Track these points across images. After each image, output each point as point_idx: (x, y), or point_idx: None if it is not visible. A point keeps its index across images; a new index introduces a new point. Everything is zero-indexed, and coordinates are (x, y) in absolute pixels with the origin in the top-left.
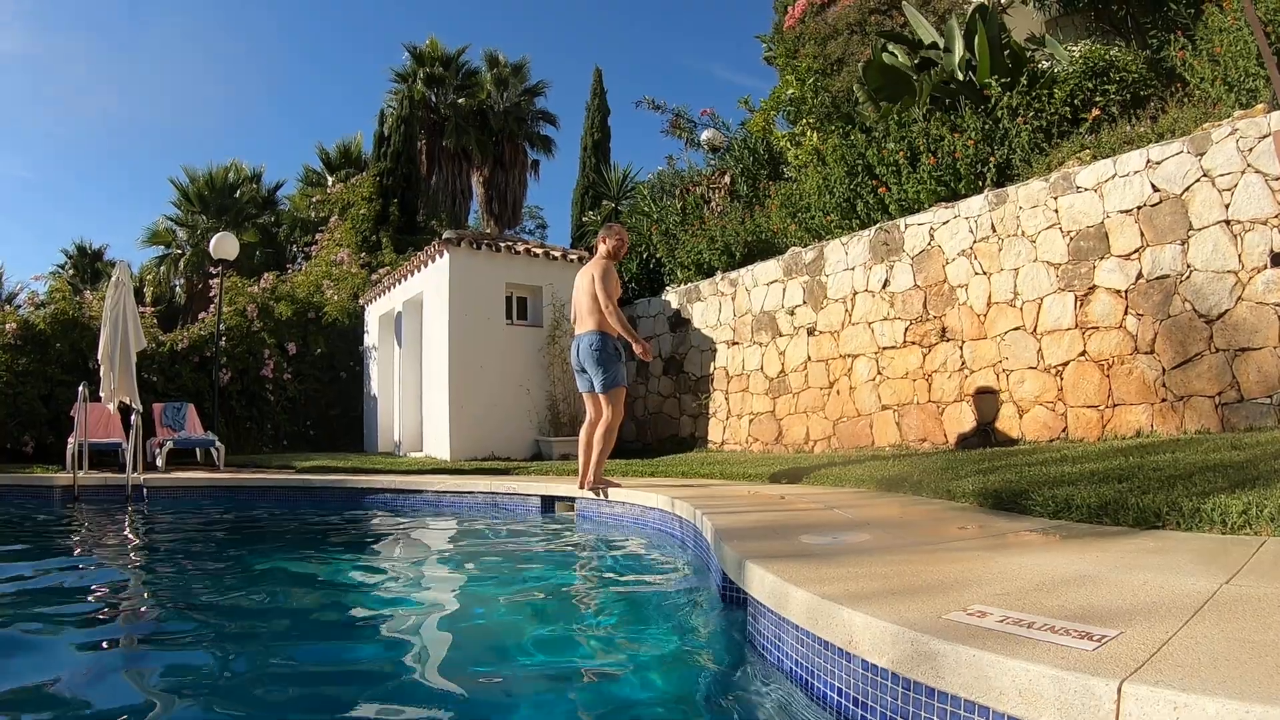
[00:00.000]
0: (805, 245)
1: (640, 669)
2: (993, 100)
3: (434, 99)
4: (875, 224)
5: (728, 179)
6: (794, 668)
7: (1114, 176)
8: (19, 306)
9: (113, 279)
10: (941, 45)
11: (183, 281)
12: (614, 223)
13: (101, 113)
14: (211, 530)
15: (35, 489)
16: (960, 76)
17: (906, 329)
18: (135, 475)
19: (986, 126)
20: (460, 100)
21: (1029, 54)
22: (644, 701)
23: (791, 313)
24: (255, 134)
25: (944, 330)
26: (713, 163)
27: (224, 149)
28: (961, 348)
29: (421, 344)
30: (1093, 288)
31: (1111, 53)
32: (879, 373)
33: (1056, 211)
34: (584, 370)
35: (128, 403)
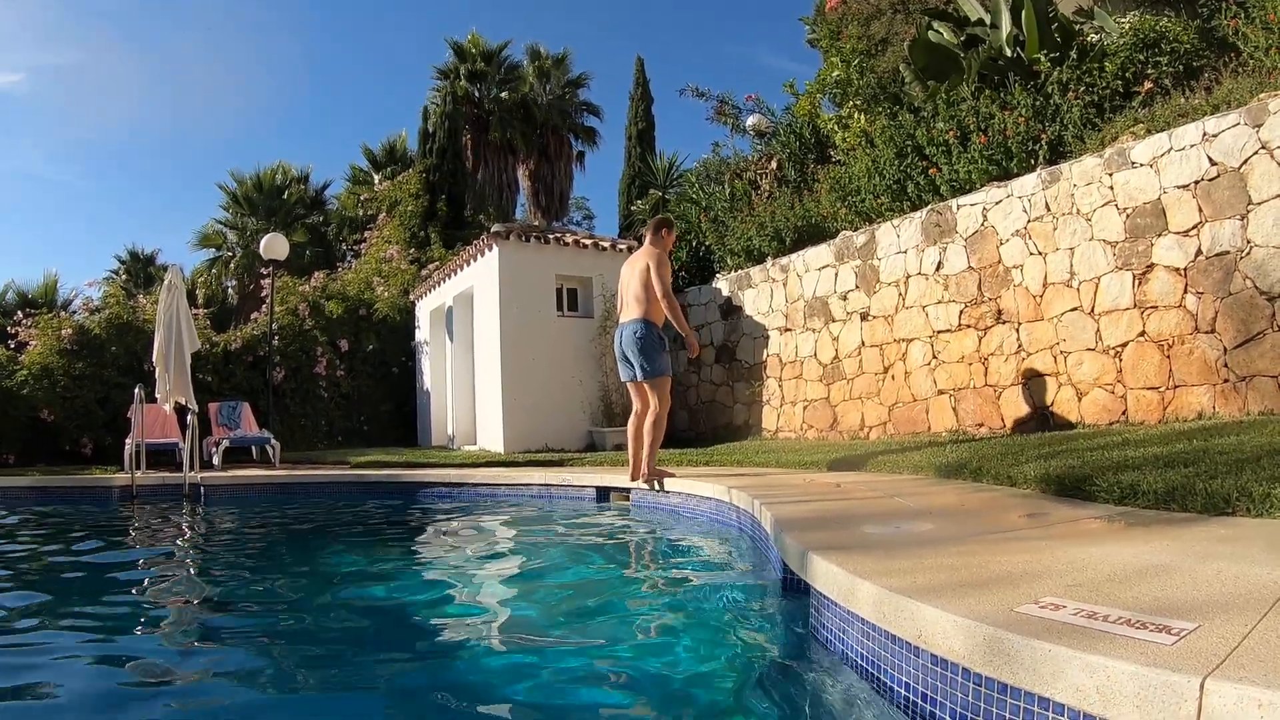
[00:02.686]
0: (856, 229)
1: (700, 660)
2: (1042, 76)
3: (477, 94)
4: (927, 205)
5: (775, 164)
6: (860, 661)
7: (1169, 151)
8: (74, 312)
9: (165, 282)
10: (988, 21)
11: (234, 283)
12: (665, 215)
13: (149, 120)
14: (271, 525)
15: (94, 489)
16: (1008, 52)
17: (961, 312)
18: (192, 474)
19: (1037, 103)
20: (504, 94)
21: (1078, 27)
22: (705, 692)
23: (844, 297)
24: (301, 135)
25: (999, 312)
26: (759, 148)
27: (270, 151)
28: (1018, 330)
29: (473, 338)
30: (1151, 266)
31: (1162, 23)
32: (934, 357)
33: (1111, 188)
34: (627, 359)
35: (183, 403)
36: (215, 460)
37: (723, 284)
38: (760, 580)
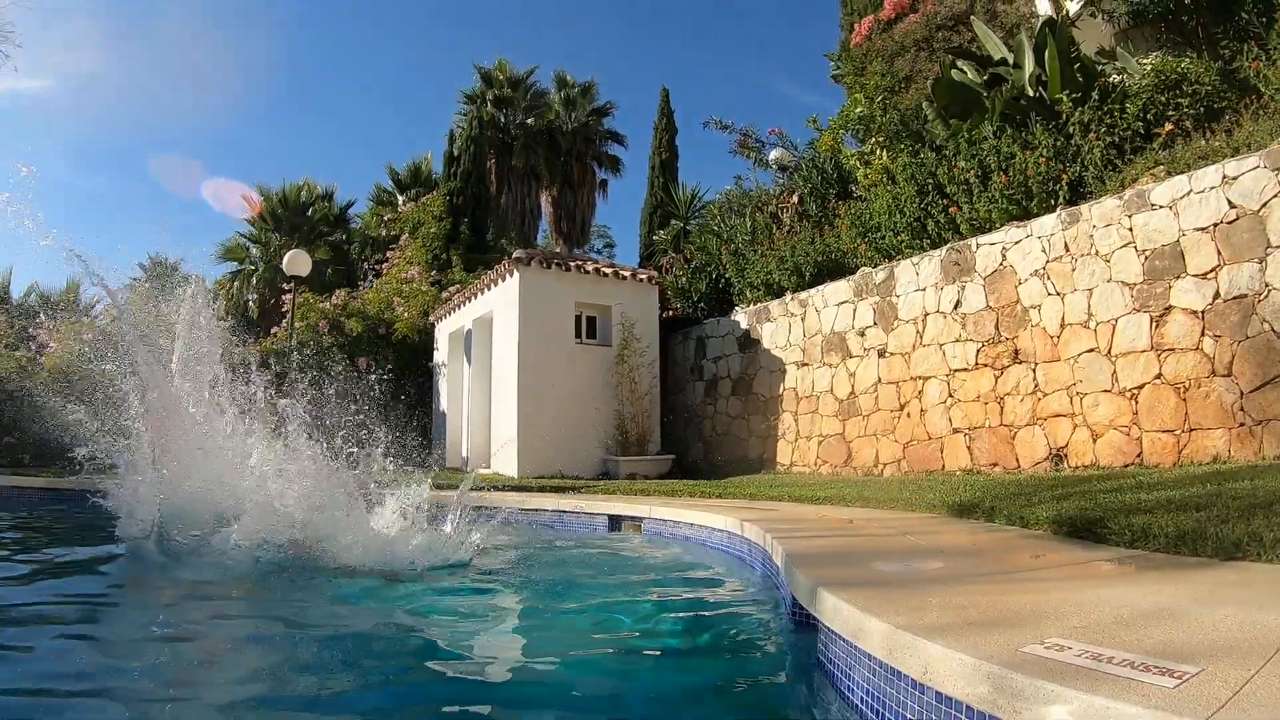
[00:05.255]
0: (876, 265)
1: (708, 691)
2: (1064, 116)
3: (503, 119)
4: (946, 244)
5: (796, 198)
6: (865, 697)
7: (1189, 193)
8: (97, 317)
9: (189, 293)
10: (1011, 61)
11: (255, 296)
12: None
13: (174, 130)
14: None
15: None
16: (1030, 92)
17: (978, 351)
18: None
19: (1058, 143)
20: (529, 120)
21: (1100, 68)
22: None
23: (862, 334)
24: (326, 154)
25: (1016, 352)
26: (781, 182)
27: (296, 168)
28: (1034, 370)
29: (491, 361)
30: (1168, 308)
31: (1183, 64)
32: (950, 395)
33: (1131, 230)
34: None
35: None
36: None
37: (741, 317)
38: (770, 614)
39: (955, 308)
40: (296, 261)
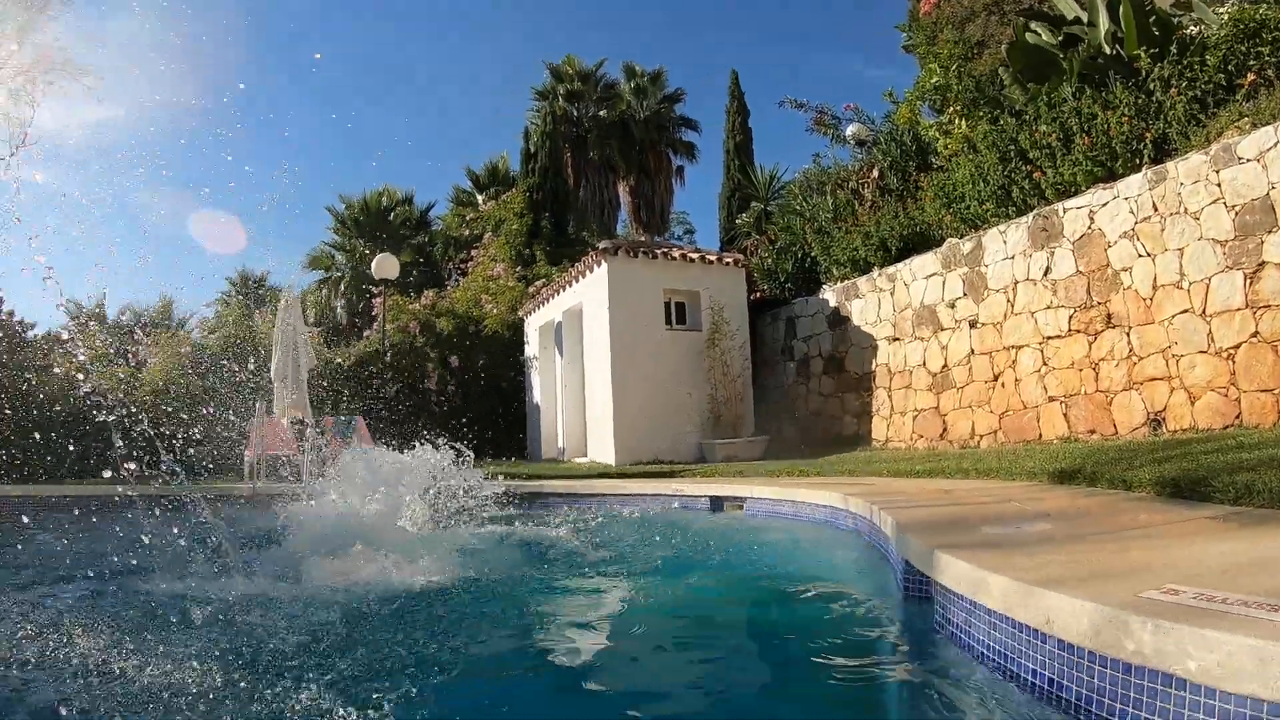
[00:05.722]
0: (962, 236)
1: (825, 658)
2: (1143, 73)
3: (575, 113)
4: (1032, 210)
5: (877, 173)
6: (986, 653)
7: (1276, 145)
8: (191, 331)
9: (281, 303)
10: (1085, 19)
11: (343, 302)
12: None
13: (250, 148)
14: None
15: (218, 498)
16: (1107, 50)
17: (1070, 317)
18: (310, 484)
19: (1139, 101)
20: (601, 113)
21: (1176, 20)
22: (836, 691)
23: (952, 305)
24: (403, 159)
25: (1109, 316)
26: (860, 157)
27: (373, 176)
28: (1128, 334)
29: (583, 352)
30: (1262, 264)
31: (1262, 11)
32: (1044, 363)
33: (1219, 185)
34: None
35: (300, 417)
36: (331, 472)
37: (830, 295)
38: (879, 584)
39: (1045, 274)
40: (385, 265)
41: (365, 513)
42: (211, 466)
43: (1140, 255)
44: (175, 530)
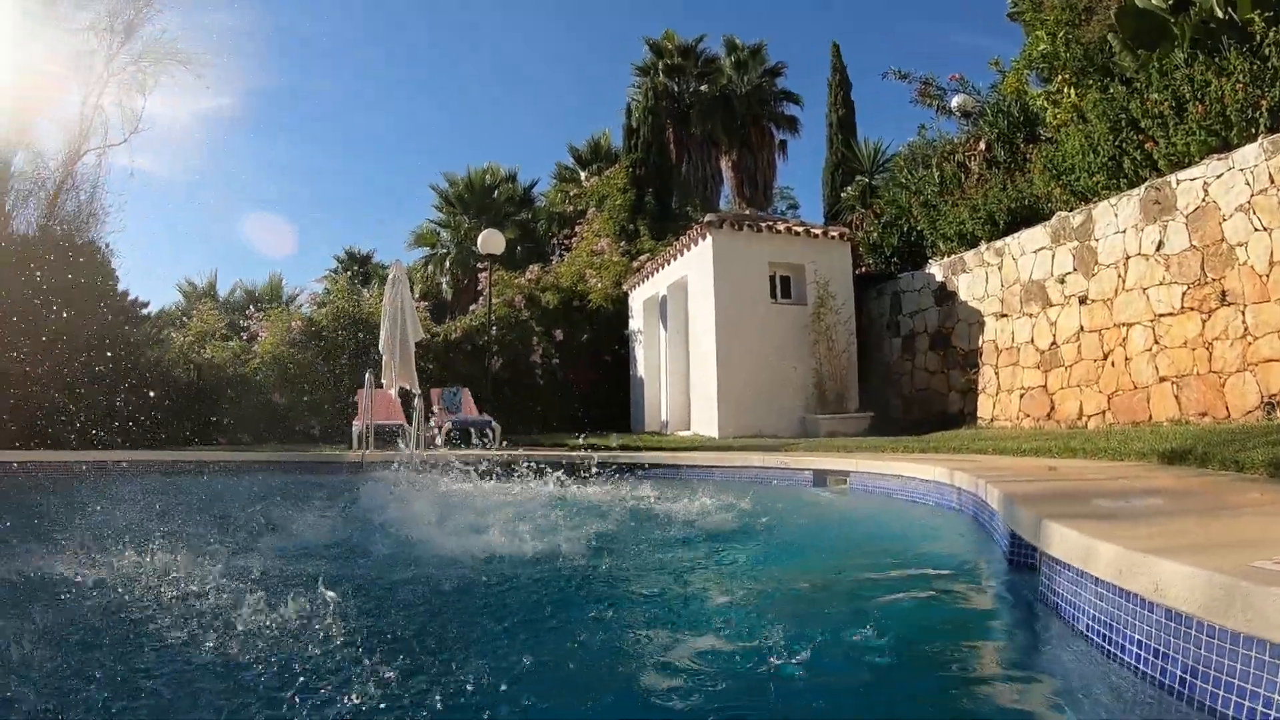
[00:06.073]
0: (1071, 209)
1: (933, 628)
2: (1257, 37)
3: (676, 88)
4: (1144, 182)
5: (983, 145)
6: (1092, 623)
7: None
8: (301, 306)
9: (390, 277)
10: None
11: (448, 278)
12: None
13: (355, 129)
14: None
15: (327, 465)
16: (1219, 13)
17: (1184, 294)
18: (417, 453)
19: (1254, 67)
20: (702, 88)
21: None
22: (940, 659)
23: (1061, 281)
24: (506, 137)
25: (1223, 294)
26: (966, 129)
27: (475, 154)
28: (1243, 312)
29: (687, 326)
30: None
31: None
32: (1155, 342)
33: None
34: None
35: (408, 388)
36: (438, 441)
37: (936, 269)
38: (984, 556)
39: (1157, 249)
40: (490, 240)
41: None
42: (318, 434)
43: (1256, 230)
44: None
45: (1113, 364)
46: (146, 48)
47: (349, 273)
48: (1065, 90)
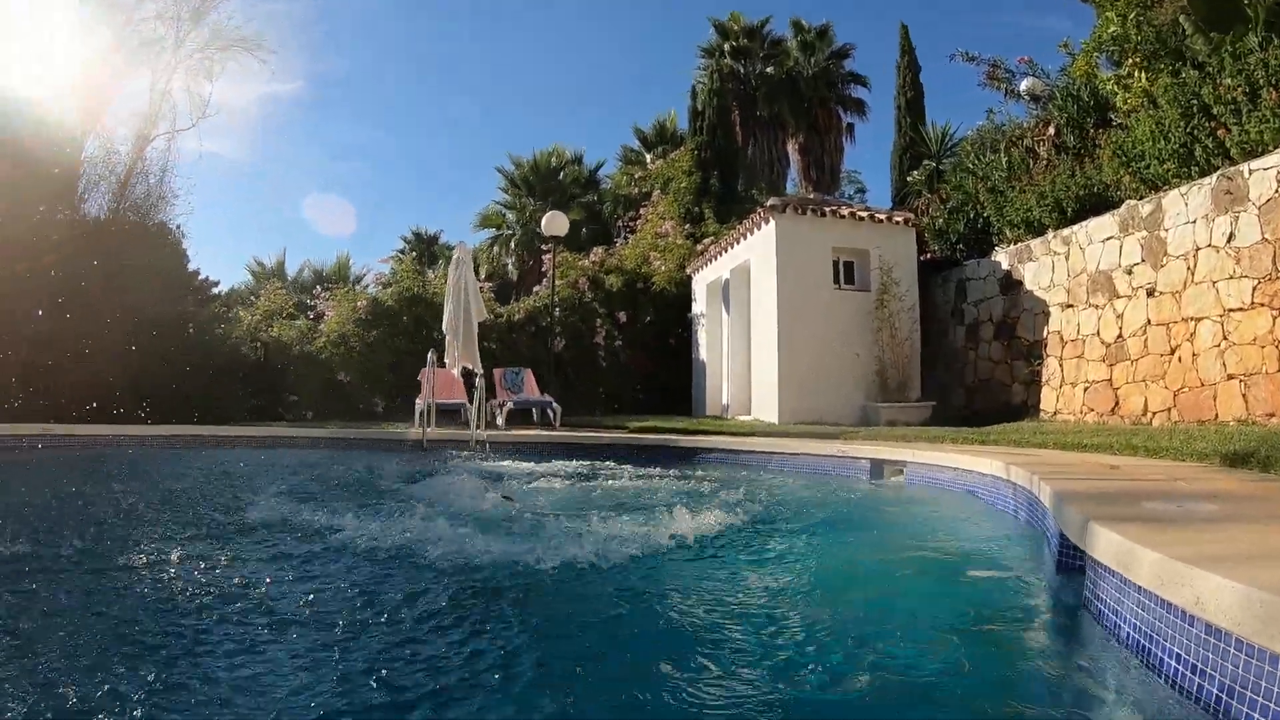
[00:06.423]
0: (1141, 197)
1: (972, 629)
2: None
3: (742, 70)
4: (1216, 171)
5: (1052, 129)
6: (1131, 632)
7: None
8: (367, 286)
9: (454, 258)
10: None
11: (514, 259)
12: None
13: (422, 113)
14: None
15: (390, 442)
16: None
17: (1254, 288)
18: (478, 432)
19: None
20: (768, 70)
21: None
22: (975, 659)
23: (1129, 272)
24: (572, 119)
25: None
26: (1035, 113)
27: (541, 137)
28: None
29: (749, 310)
30: None
31: None
32: (1224, 338)
33: None
34: None
35: (470, 368)
36: (499, 420)
37: (1002, 257)
38: (1034, 556)
39: (1228, 241)
40: (554, 222)
41: None
42: (381, 411)
43: None
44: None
45: (1179, 359)
46: (213, 34)
47: (415, 253)
48: (1135, 74)
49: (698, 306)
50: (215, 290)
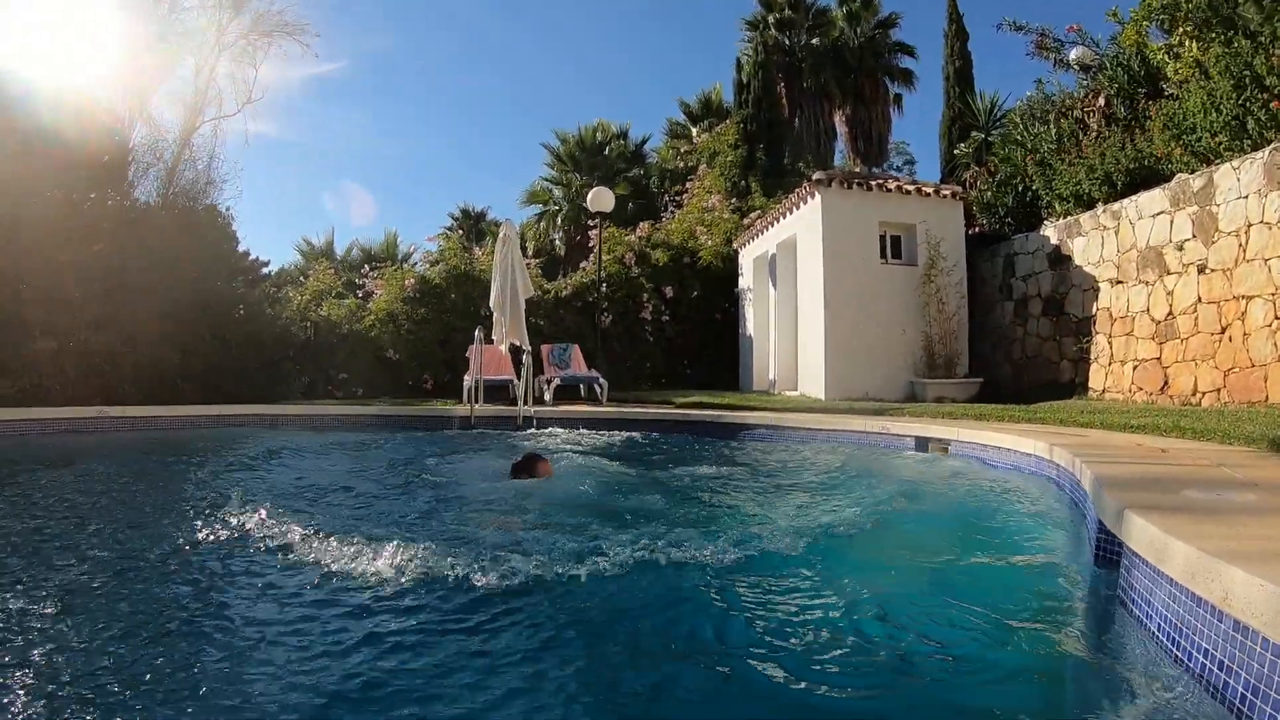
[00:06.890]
0: (1192, 170)
1: (1005, 614)
2: None
3: (787, 42)
4: (1269, 144)
5: (1102, 100)
6: (1163, 625)
7: None
8: (415, 264)
9: (500, 235)
10: None
11: (560, 235)
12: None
13: (468, 91)
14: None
15: (439, 418)
16: None
17: None
18: (525, 408)
19: None
20: (814, 41)
21: None
22: (1006, 645)
23: (1180, 248)
24: (617, 93)
25: None
26: (1084, 83)
27: (586, 110)
28: None
29: (796, 285)
30: None
31: None
32: (1276, 317)
33: None
34: None
35: (518, 344)
36: (547, 396)
37: (1051, 231)
38: (1072, 540)
39: None
40: (600, 198)
41: None
42: (430, 388)
43: None
44: None
45: (1230, 339)
46: (255, 21)
47: (462, 230)
48: (1186, 43)
49: (744, 281)
50: (265, 271)
